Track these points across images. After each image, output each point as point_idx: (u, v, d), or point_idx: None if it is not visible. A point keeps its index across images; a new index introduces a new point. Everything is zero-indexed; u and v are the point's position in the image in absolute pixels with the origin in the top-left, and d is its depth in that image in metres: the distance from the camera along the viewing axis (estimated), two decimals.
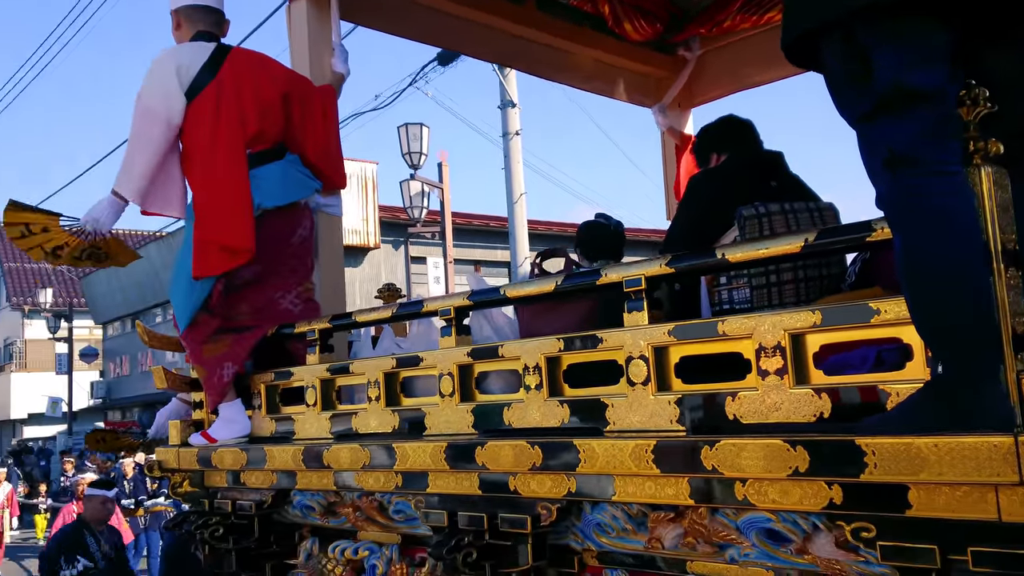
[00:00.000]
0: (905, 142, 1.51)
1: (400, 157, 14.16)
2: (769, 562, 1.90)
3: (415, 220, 15.79)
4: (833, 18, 1.57)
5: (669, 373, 2.01)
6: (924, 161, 1.50)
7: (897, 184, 1.53)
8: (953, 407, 1.50)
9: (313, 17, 3.55)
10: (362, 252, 19.83)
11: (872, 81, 1.53)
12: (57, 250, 3.12)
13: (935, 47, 1.51)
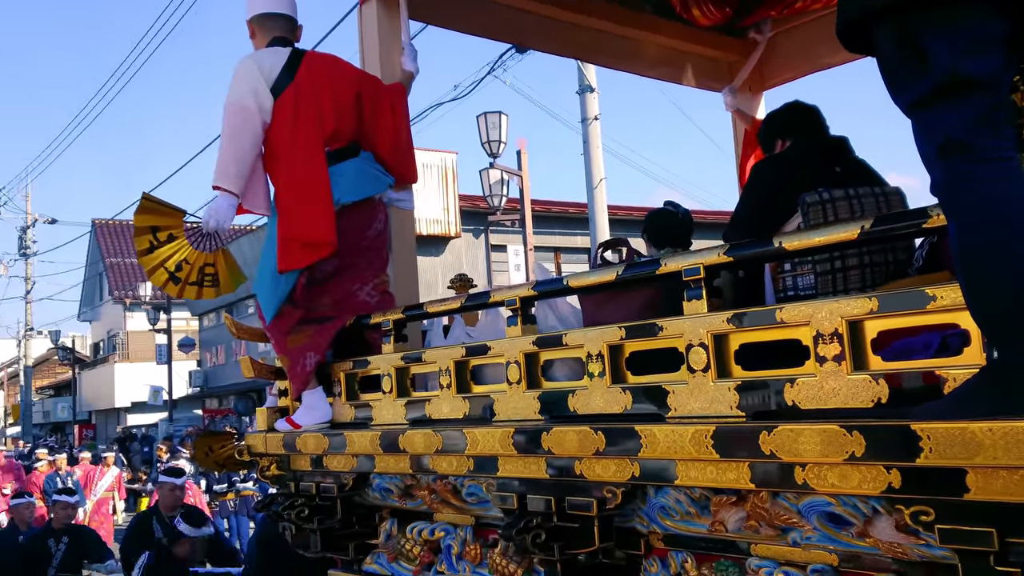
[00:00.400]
0: (959, 129, 1.52)
1: (479, 146, 14.27)
2: (831, 545, 1.92)
3: (495, 208, 15.87)
4: (883, 6, 1.58)
5: (729, 360, 2.04)
6: (977, 147, 1.50)
7: (950, 171, 1.53)
8: (1008, 392, 1.50)
9: (383, 18, 3.65)
10: (443, 241, 20.08)
11: (927, 68, 1.53)
12: (178, 271, 3.25)
13: (990, 35, 1.51)
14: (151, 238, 3.29)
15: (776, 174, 2.82)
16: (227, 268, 3.43)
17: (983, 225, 1.51)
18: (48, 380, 47.44)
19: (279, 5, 3.46)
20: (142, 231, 3.31)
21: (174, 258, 3.29)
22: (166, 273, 3.29)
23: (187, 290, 3.34)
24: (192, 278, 3.32)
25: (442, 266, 20.20)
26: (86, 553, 6.80)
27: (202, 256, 3.34)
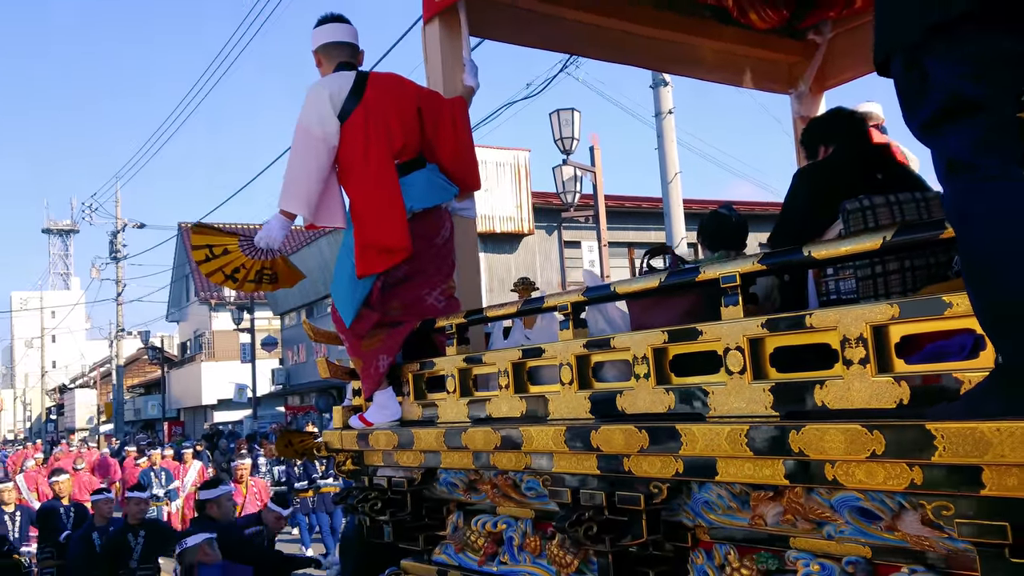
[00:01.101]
0: (963, 149, 1.62)
1: (552, 143, 14.35)
2: (863, 538, 2.03)
3: (568, 205, 15.92)
4: (898, 47, 1.69)
5: (764, 362, 2.16)
6: (982, 166, 1.60)
7: (957, 188, 1.64)
8: (1014, 394, 1.60)
9: (445, 36, 3.84)
10: (516, 238, 20.26)
11: (931, 92, 1.64)
12: (235, 273, 3.53)
13: (992, 57, 1.60)
14: (207, 252, 3.57)
15: (818, 181, 2.91)
16: (285, 267, 3.68)
17: (988, 239, 1.61)
18: (138, 379, 49.07)
19: (342, 34, 3.69)
20: (198, 248, 3.59)
21: (231, 265, 3.56)
22: (223, 275, 3.57)
23: (246, 286, 3.62)
24: (250, 277, 3.58)
25: (515, 263, 20.40)
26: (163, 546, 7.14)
27: (258, 262, 3.60)
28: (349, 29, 3.71)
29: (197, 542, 5.53)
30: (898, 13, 1.72)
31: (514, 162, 20.12)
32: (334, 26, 3.68)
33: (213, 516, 6.33)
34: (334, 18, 3.69)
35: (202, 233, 3.66)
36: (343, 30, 3.69)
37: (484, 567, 3.16)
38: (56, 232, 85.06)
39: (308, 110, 3.42)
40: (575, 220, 18.73)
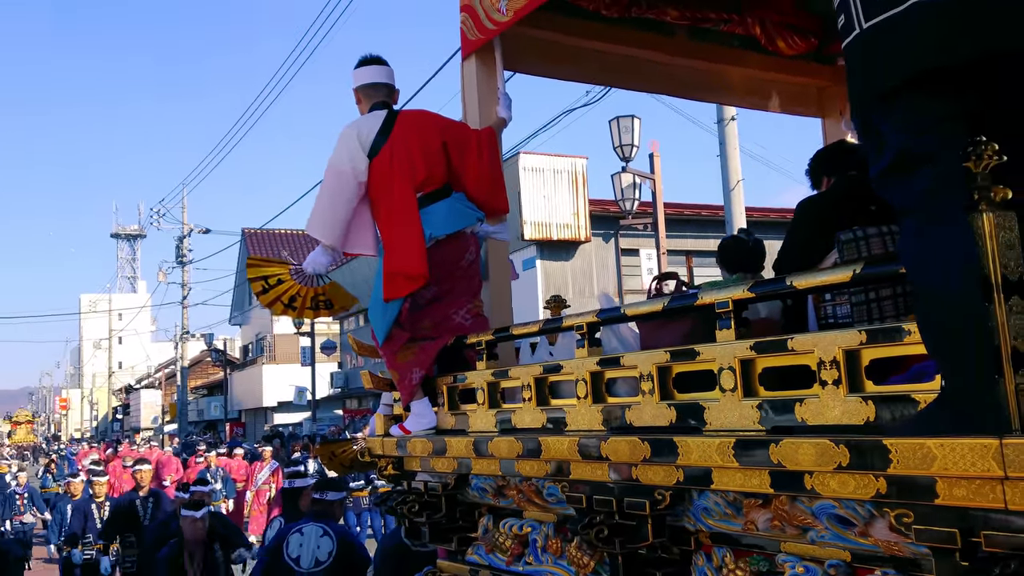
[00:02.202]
0: (910, 197, 1.82)
1: (611, 151, 14.44)
2: (842, 543, 2.22)
3: (627, 212, 15.96)
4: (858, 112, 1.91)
5: (753, 382, 2.36)
6: (927, 213, 1.81)
7: (904, 232, 1.84)
8: (956, 414, 1.80)
9: (481, 71, 4.10)
10: (573, 246, 20.45)
11: (882, 147, 1.85)
12: (292, 301, 3.85)
13: (935, 116, 1.81)
14: (263, 284, 3.89)
15: (816, 213, 3.10)
16: (338, 294, 3.98)
17: (927, 278, 1.81)
18: (202, 380, 50.26)
19: (379, 76, 4.01)
20: (255, 281, 3.90)
21: (288, 294, 3.87)
22: (282, 305, 3.87)
23: (305, 313, 3.92)
24: (307, 304, 3.88)
25: (572, 271, 20.59)
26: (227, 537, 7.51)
27: (312, 289, 3.91)
28: (386, 70, 4.02)
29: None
30: (855, 84, 1.94)
31: (571, 169, 20.32)
32: (372, 68, 4.00)
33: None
34: (373, 60, 4.00)
35: (256, 266, 3.98)
36: (380, 72, 4.00)
37: (511, 567, 3.39)
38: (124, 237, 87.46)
39: (339, 151, 3.74)
40: (633, 228, 18.83)
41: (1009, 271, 1.81)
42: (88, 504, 10.18)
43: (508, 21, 3.83)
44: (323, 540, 5.52)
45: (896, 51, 1.85)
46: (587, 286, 20.49)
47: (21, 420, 63.37)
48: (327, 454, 4.36)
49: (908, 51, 1.83)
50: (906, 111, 1.82)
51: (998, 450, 1.71)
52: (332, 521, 5.95)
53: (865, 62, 1.93)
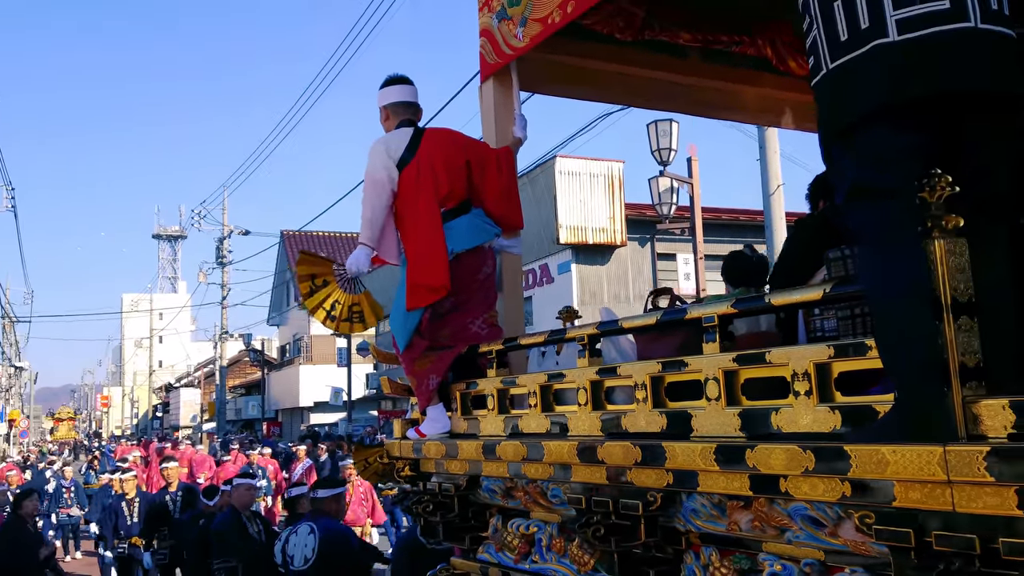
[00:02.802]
0: (867, 227, 1.99)
1: (648, 154, 14.41)
2: (815, 543, 2.38)
3: (664, 216, 15.89)
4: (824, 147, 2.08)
5: (736, 391, 2.53)
6: (883, 241, 1.97)
7: (863, 255, 2.00)
8: (908, 423, 1.96)
9: (499, 93, 4.30)
10: (608, 250, 20.49)
11: (845, 182, 2.02)
12: (332, 311, 4.08)
13: (893, 151, 1.97)
14: (311, 284, 4.11)
15: (808, 232, 3.25)
16: (369, 306, 4.21)
17: (880, 299, 1.97)
18: (239, 380, 50.85)
19: (406, 95, 4.21)
20: (303, 278, 4.13)
21: (330, 299, 4.10)
22: (324, 312, 4.10)
23: (341, 325, 4.15)
24: (343, 315, 4.13)
25: (607, 275, 20.63)
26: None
27: (350, 297, 4.14)
28: (411, 90, 4.22)
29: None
30: (821, 121, 2.11)
31: (608, 173, 20.33)
32: (399, 87, 4.20)
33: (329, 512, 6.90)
34: (399, 80, 4.21)
35: (306, 263, 4.21)
36: (406, 91, 4.21)
37: (519, 565, 3.57)
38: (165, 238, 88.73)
39: (373, 161, 3.94)
40: (670, 232, 18.75)
41: (959, 293, 1.96)
42: (119, 502, 10.53)
43: (524, 47, 4.02)
44: (309, 538, 5.70)
45: (855, 90, 2.02)
46: (622, 291, 20.50)
47: (63, 417, 64.66)
48: (361, 461, 4.47)
49: (866, 90, 2.00)
50: (863, 146, 1.99)
51: (942, 456, 1.87)
52: (326, 518, 6.11)
53: (829, 100, 2.10)
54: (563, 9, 3.73)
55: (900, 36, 1.96)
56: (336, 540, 5.96)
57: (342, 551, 5.89)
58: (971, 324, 1.96)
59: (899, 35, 1.96)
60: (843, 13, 2.05)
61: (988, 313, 1.97)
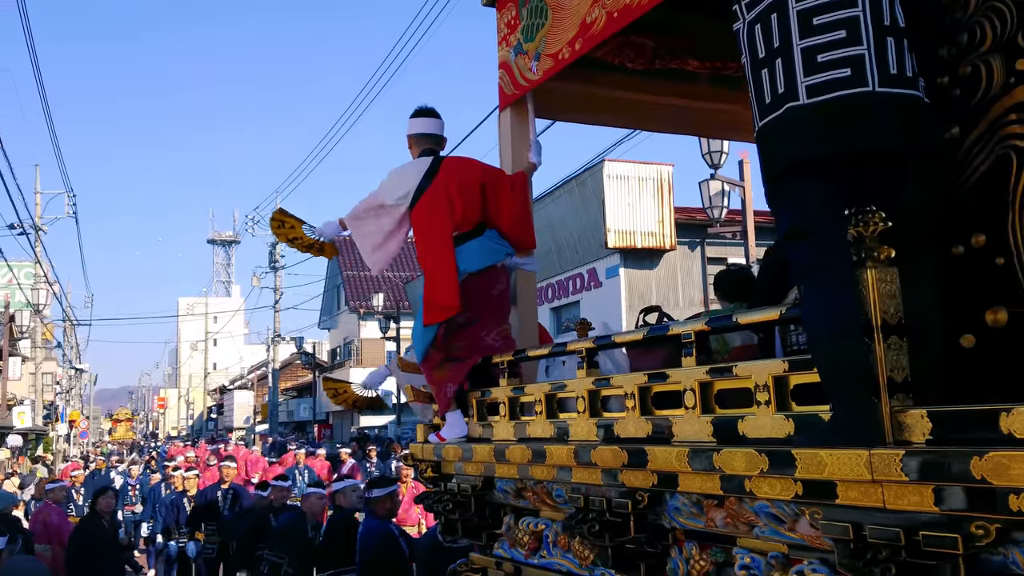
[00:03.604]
0: (802, 260, 2.27)
1: (699, 158, 14.45)
2: (778, 538, 2.64)
3: (715, 220, 15.85)
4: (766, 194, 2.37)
5: (710, 400, 2.80)
6: (815, 273, 2.24)
7: (799, 288, 2.28)
8: (843, 430, 2.22)
9: (516, 121, 4.62)
10: (657, 254, 20.52)
11: (780, 224, 2.30)
12: (293, 240, 4.68)
13: (817, 198, 2.25)
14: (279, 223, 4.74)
15: (781, 256, 3.49)
16: (329, 247, 4.78)
17: (813, 326, 2.24)
18: (291, 382, 51.63)
19: (431, 127, 4.55)
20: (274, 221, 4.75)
21: (292, 235, 4.70)
22: (285, 237, 4.72)
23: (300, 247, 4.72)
24: (305, 243, 4.70)
25: (656, 279, 20.68)
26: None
27: (311, 239, 4.69)
28: (437, 122, 4.55)
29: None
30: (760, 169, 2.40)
31: (657, 177, 20.30)
32: (425, 120, 4.54)
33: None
34: (426, 112, 4.54)
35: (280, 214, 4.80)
36: (431, 123, 4.54)
37: (529, 560, 3.86)
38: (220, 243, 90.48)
39: (387, 185, 4.31)
40: (721, 236, 18.62)
41: (889, 316, 2.23)
42: (180, 498, 11.07)
43: (538, 80, 4.32)
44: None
45: (777, 146, 2.32)
46: (671, 295, 20.49)
47: (121, 418, 66.23)
48: (331, 390, 5.12)
49: (785, 146, 2.30)
50: (792, 193, 2.28)
51: (868, 459, 2.13)
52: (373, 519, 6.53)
53: (761, 153, 2.39)
54: (571, 46, 4.02)
55: (809, 99, 2.25)
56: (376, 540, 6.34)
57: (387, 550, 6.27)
58: (900, 343, 2.23)
59: (808, 99, 2.25)
60: (766, 78, 2.35)
61: (916, 334, 2.23)
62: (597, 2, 3.83)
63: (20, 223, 23.18)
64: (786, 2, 2.34)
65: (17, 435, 28.66)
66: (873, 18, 2.27)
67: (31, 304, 33.06)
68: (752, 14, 2.45)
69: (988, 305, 2.34)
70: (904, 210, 2.27)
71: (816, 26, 2.29)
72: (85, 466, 24.18)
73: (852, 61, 2.25)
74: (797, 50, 2.30)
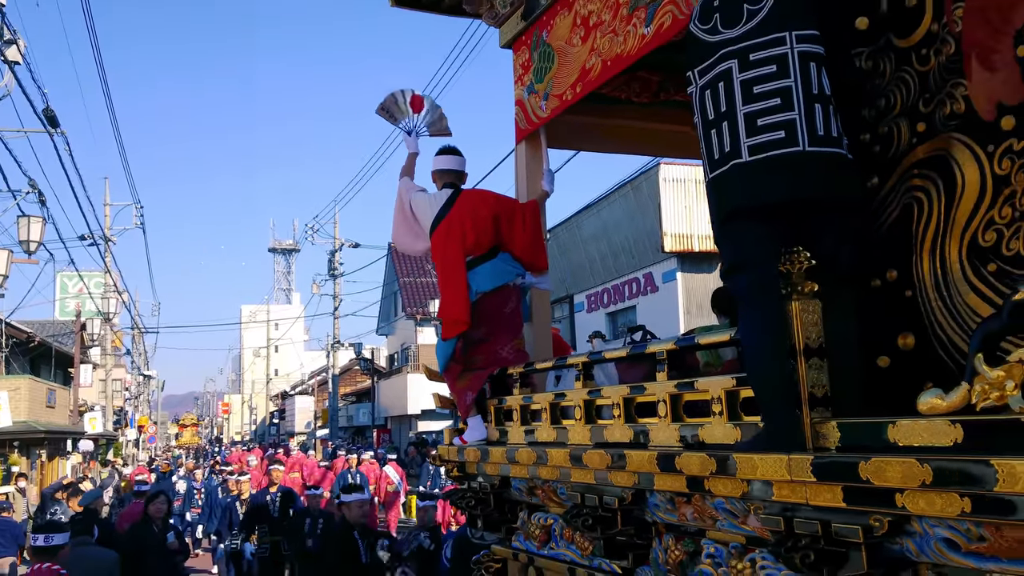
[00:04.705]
0: (739, 292, 2.68)
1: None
2: (736, 530, 3.04)
3: None
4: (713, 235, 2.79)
5: (679, 410, 3.22)
6: (749, 301, 2.66)
7: (739, 312, 2.69)
8: (772, 438, 2.63)
9: (530, 153, 5.08)
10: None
11: (722, 259, 2.72)
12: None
13: (752, 238, 2.66)
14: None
15: None
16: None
17: (752, 347, 2.65)
18: (350, 388, 52.53)
19: (453, 164, 5.05)
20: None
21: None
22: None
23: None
24: None
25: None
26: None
27: None
28: (457, 160, 5.04)
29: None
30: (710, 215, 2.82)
31: None
32: (446, 158, 5.03)
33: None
34: (448, 151, 5.04)
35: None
36: (452, 161, 5.03)
37: (540, 551, 4.30)
38: (280, 251, 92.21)
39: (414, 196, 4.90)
40: None
41: (811, 341, 2.64)
42: (234, 501, 11.71)
43: (547, 117, 4.78)
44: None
45: (723, 196, 2.73)
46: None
47: (187, 423, 67.98)
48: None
49: (729, 196, 2.71)
50: (731, 235, 2.69)
51: (787, 463, 2.54)
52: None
53: (711, 200, 2.80)
54: (573, 89, 4.47)
55: (750, 157, 2.65)
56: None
57: None
58: (820, 364, 2.64)
59: (749, 156, 2.65)
60: (715, 137, 2.76)
61: (836, 356, 2.64)
62: (594, 51, 4.28)
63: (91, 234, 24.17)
64: (731, 73, 2.75)
65: (89, 440, 29.74)
66: (804, 88, 2.66)
67: (101, 313, 34.26)
68: (703, 80, 2.87)
69: (900, 331, 2.74)
70: (827, 251, 2.67)
71: (756, 94, 2.69)
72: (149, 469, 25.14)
73: (786, 125, 2.65)
74: (740, 114, 2.71)
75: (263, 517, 10.53)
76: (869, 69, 2.89)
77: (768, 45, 2.68)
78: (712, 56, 2.81)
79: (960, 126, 2.61)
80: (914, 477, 2.15)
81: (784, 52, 2.66)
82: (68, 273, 33.02)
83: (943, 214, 2.64)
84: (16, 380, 23.62)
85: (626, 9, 4.04)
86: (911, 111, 2.75)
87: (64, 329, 35.35)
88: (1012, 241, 2.45)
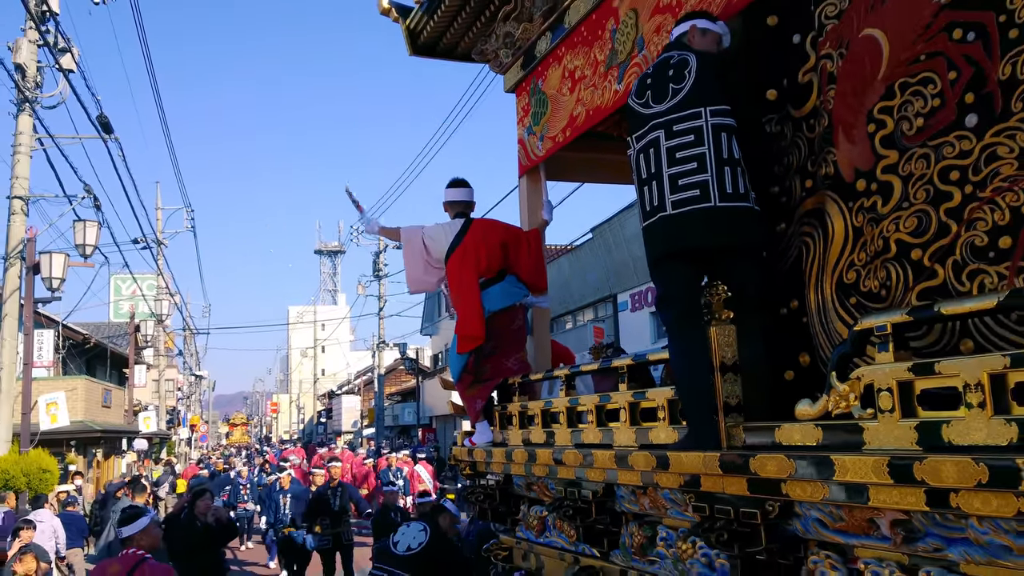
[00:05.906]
0: (667, 320, 3.31)
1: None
2: (683, 518, 3.66)
3: None
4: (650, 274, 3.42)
5: (637, 416, 3.84)
6: (676, 329, 3.29)
7: (668, 336, 3.32)
8: (695, 439, 3.26)
9: (532, 186, 5.74)
10: None
11: (657, 294, 3.36)
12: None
13: (678, 276, 3.29)
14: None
15: None
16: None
17: (675, 368, 3.27)
18: (396, 387, 53.27)
19: (462, 196, 5.70)
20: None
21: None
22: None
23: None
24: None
25: None
26: None
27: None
28: (466, 191, 5.69)
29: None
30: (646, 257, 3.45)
31: None
32: (456, 190, 5.69)
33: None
34: (458, 183, 5.68)
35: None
36: (462, 192, 5.69)
37: (537, 539, 4.95)
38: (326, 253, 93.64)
39: (428, 231, 5.49)
40: None
41: (726, 359, 3.25)
42: (279, 495, 12.57)
43: (543, 156, 5.43)
44: (419, 534, 7.06)
45: (654, 241, 3.35)
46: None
47: (237, 423, 69.61)
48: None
49: (658, 242, 3.33)
50: (660, 274, 3.32)
51: (703, 459, 3.16)
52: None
53: (645, 245, 3.42)
54: (563, 133, 5.11)
55: (673, 211, 3.27)
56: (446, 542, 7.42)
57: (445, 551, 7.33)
58: (734, 378, 3.25)
59: (672, 210, 3.27)
60: (647, 193, 3.38)
61: (747, 372, 3.26)
62: (579, 101, 4.91)
63: (144, 237, 25.13)
64: (659, 140, 3.37)
65: (143, 439, 30.77)
66: (715, 154, 3.27)
67: (154, 314, 35.36)
68: (638, 146, 3.49)
69: (800, 351, 3.35)
70: (737, 286, 3.28)
71: (678, 159, 3.32)
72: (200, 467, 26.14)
73: (700, 185, 3.26)
74: (666, 175, 3.34)
75: (325, 510, 11.33)
76: (777, 132, 3.50)
77: (688, 119, 3.30)
78: (645, 126, 3.43)
79: (831, 185, 3.25)
80: (784, 469, 2.77)
81: (700, 124, 3.28)
82: (122, 276, 34.09)
83: (822, 256, 3.26)
84: (73, 381, 24.57)
85: (603, 67, 4.68)
86: (802, 170, 3.38)
87: (119, 331, 36.51)
88: (866, 280, 3.07)
